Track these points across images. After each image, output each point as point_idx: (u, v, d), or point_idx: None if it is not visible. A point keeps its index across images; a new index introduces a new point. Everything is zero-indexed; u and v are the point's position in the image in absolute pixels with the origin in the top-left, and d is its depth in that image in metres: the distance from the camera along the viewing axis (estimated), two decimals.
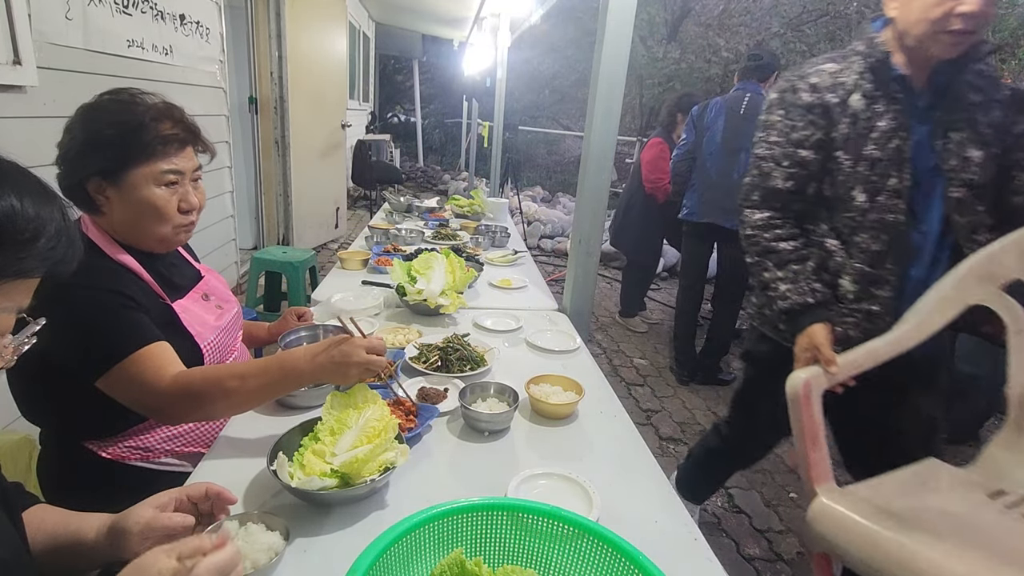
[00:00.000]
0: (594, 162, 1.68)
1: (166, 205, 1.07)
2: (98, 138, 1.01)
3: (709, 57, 9.12)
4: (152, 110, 1.06)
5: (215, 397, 0.98)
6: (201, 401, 0.99)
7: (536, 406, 1.21)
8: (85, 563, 0.78)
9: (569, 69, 12.35)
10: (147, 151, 1.03)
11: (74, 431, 1.09)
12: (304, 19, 4.80)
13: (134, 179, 1.04)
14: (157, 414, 1.05)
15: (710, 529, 2.20)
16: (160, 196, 1.06)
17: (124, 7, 2.25)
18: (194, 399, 0.99)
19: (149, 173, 1.04)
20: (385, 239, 2.51)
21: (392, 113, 13.50)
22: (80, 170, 1.03)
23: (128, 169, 1.03)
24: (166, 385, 0.98)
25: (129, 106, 1.05)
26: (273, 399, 1.05)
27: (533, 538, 0.72)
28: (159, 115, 1.06)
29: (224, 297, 1.30)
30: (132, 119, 1.03)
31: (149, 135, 1.03)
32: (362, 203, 7.99)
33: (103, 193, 1.05)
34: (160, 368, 0.99)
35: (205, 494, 0.78)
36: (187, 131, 1.09)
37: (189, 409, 1.01)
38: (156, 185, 1.05)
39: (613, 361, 3.73)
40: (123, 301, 1.01)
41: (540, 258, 6.17)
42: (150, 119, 1.04)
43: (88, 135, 1.02)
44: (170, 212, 1.08)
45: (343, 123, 5.83)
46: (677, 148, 3.35)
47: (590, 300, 1.85)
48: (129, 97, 1.06)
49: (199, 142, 1.13)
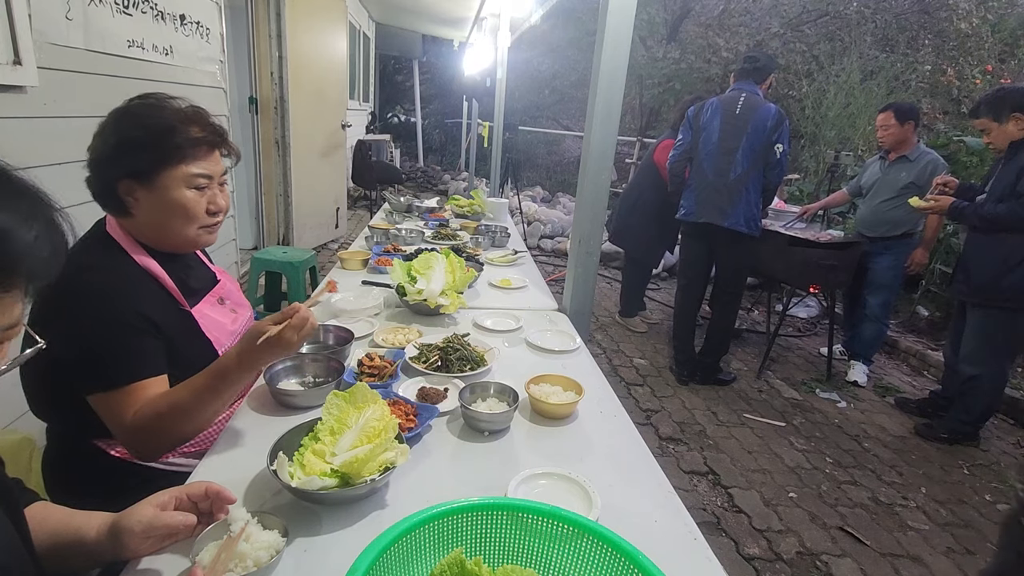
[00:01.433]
0: (594, 162, 1.68)
1: (195, 207, 1.09)
2: (130, 140, 1.03)
3: (709, 57, 9.10)
4: (181, 114, 1.08)
5: (177, 418, 0.99)
6: (166, 426, 0.99)
7: (536, 406, 1.21)
8: (86, 562, 0.78)
9: (569, 69, 12.32)
10: (178, 154, 1.05)
11: (85, 429, 1.10)
12: (304, 19, 4.80)
13: (165, 181, 1.06)
14: (127, 447, 1.06)
15: (710, 529, 2.20)
16: (190, 198, 1.08)
17: (124, 7, 2.25)
18: (154, 428, 0.99)
19: (180, 175, 1.06)
20: (385, 239, 2.51)
21: (392, 113, 13.49)
22: (112, 172, 1.05)
23: (160, 171, 1.05)
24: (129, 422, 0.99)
25: (159, 109, 1.07)
26: (223, 404, 1.02)
27: (533, 538, 0.72)
28: (188, 119, 1.08)
29: (238, 301, 1.32)
30: (162, 122, 1.05)
31: (179, 138, 1.05)
32: (362, 203, 7.99)
33: (133, 195, 1.06)
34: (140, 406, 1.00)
35: (204, 493, 0.78)
36: (215, 134, 1.12)
37: (152, 439, 1.02)
38: (187, 187, 1.08)
39: (613, 361, 3.73)
40: (138, 324, 1.03)
41: (540, 258, 6.17)
42: (179, 122, 1.06)
43: (120, 138, 1.03)
44: (199, 213, 1.10)
45: (343, 123, 5.83)
46: (674, 148, 3.35)
47: (590, 300, 1.85)
48: (157, 101, 1.08)
49: (226, 145, 1.15)
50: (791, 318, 4.66)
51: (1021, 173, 2.53)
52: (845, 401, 3.37)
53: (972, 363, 2.81)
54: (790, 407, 3.26)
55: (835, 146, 5.78)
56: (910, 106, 3.36)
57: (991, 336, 2.74)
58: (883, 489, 2.56)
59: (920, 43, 7.85)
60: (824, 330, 4.39)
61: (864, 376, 3.61)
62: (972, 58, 6.27)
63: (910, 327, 4.42)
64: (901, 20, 8.38)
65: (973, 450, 2.95)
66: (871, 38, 8.07)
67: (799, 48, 8.44)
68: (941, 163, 3.25)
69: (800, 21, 9.18)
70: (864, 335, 3.60)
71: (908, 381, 3.81)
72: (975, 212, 2.66)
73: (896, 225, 3.35)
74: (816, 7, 9.00)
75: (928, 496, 2.54)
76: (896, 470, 2.72)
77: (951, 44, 6.97)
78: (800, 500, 2.43)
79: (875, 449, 2.89)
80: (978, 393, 2.85)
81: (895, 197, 3.30)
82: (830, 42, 8.19)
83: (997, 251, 2.61)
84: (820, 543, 2.18)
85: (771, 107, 3.01)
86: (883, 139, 3.36)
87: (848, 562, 2.10)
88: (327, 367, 1.27)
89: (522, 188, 7.99)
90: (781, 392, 3.44)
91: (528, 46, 10.73)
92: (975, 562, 2.16)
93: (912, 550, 2.19)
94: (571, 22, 10.65)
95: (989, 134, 2.69)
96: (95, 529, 0.76)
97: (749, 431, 2.96)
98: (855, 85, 6.43)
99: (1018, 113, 2.56)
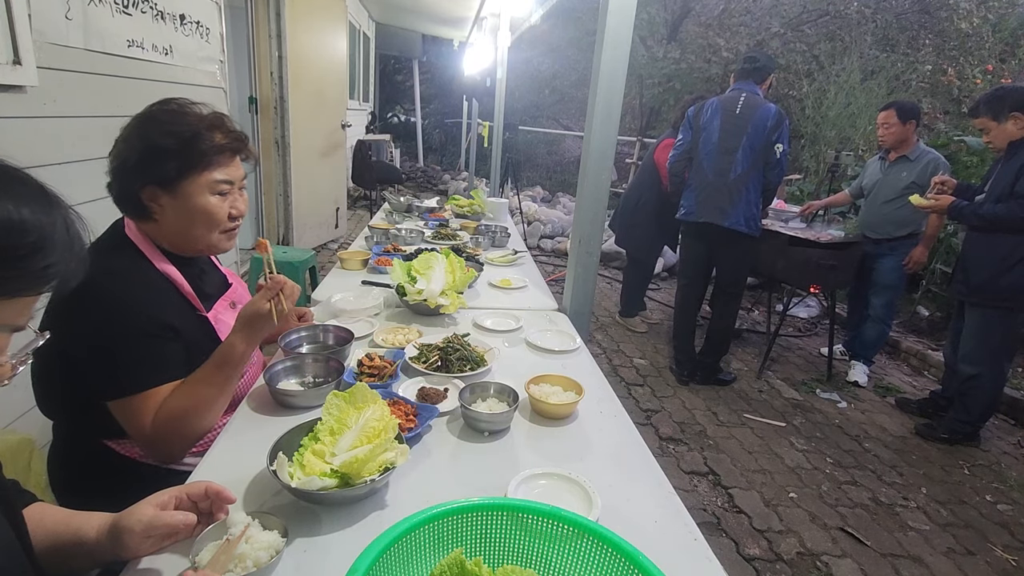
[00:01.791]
0: (594, 162, 1.68)
1: (219, 212, 1.10)
2: (157, 148, 1.03)
3: (709, 57, 9.09)
4: (205, 120, 1.08)
5: (190, 414, 1.03)
6: (183, 426, 1.03)
7: (536, 406, 1.21)
8: (86, 562, 0.78)
9: (569, 69, 12.33)
10: (203, 161, 1.06)
11: (94, 430, 1.10)
12: (304, 19, 4.80)
13: (190, 188, 1.06)
14: (148, 451, 1.08)
15: (710, 529, 2.20)
16: (214, 204, 1.09)
17: (124, 7, 2.25)
18: (175, 428, 1.02)
19: (204, 182, 1.07)
20: (385, 239, 2.51)
21: (392, 113, 13.50)
22: (137, 179, 1.05)
23: (185, 178, 1.05)
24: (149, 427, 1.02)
25: (182, 116, 1.07)
26: (232, 389, 1.10)
27: (533, 538, 0.72)
28: (211, 125, 1.08)
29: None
30: (187, 129, 1.05)
31: (205, 144, 1.06)
32: (362, 203, 7.99)
33: (157, 201, 1.07)
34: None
35: (204, 493, 0.78)
36: (237, 140, 1.13)
37: (174, 439, 1.04)
38: (211, 193, 1.08)
39: (613, 361, 3.73)
40: (158, 331, 1.04)
41: (540, 258, 6.17)
42: (205, 129, 1.06)
43: (147, 144, 1.03)
44: (221, 218, 1.11)
45: (343, 123, 5.83)
46: (674, 148, 3.35)
47: (590, 300, 1.84)
48: (180, 107, 1.09)
49: (246, 150, 1.15)
50: (791, 318, 4.66)
51: (1020, 173, 2.53)
52: (845, 401, 3.37)
53: (971, 363, 2.81)
54: (790, 407, 3.25)
55: (835, 146, 5.79)
56: (912, 105, 3.35)
57: (989, 336, 2.74)
58: (883, 489, 2.56)
59: (921, 43, 7.85)
60: (824, 330, 4.39)
61: (864, 376, 3.61)
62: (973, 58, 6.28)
63: (911, 327, 4.42)
64: (902, 20, 8.38)
65: (973, 450, 2.95)
66: (871, 38, 8.07)
67: (799, 48, 8.44)
68: (942, 162, 3.25)
69: (800, 21, 9.18)
70: (866, 335, 3.59)
71: (908, 381, 3.81)
72: (974, 212, 2.67)
73: (900, 225, 3.34)
74: (816, 7, 9.00)
75: (928, 496, 2.54)
76: (896, 470, 2.72)
77: (952, 44, 6.97)
78: (800, 500, 2.43)
79: (875, 449, 2.89)
80: (977, 393, 2.85)
81: (897, 198, 3.29)
82: (830, 42, 8.19)
83: (996, 251, 2.61)
84: (820, 543, 2.18)
85: (771, 107, 3.01)
86: (884, 138, 3.35)
87: (848, 562, 2.10)
88: (327, 367, 1.27)
89: (522, 188, 7.99)
90: (781, 392, 3.43)
91: (528, 46, 10.73)
92: (975, 562, 2.16)
93: (912, 550, 2.19)
94: (571, 22, 10.66)
95: (988, 133, 2.69)
96: (95, 529, 0.76)
97: (749, 431, 2.96)
98: (855, 85, 6.42)
99: (1017, 112, 2.56)
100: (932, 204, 2.83)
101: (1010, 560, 2.18)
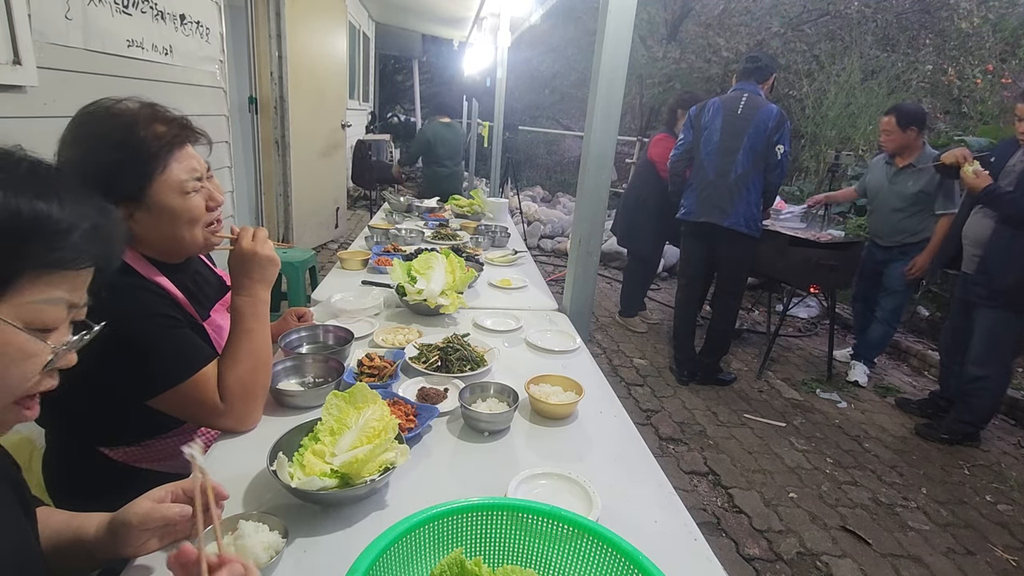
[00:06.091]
0: (594, 162, 1.68)
1: (196, 208, 1.07)
2: (108, 166, 0.96)
3: (709, 57, 9.10)
4: (139, 116, 1.01)
5: (256, 370, 1.07)
6: (255, 386, 1.07)
7: (536, 406, 1.21)
8: (87, 561, 0.79)
9: (569, 69, 12.33)
10: (158, 161, 1.01)
11: (89, 436, 1.09)
12: (304, 19, 4.80)
13: (159, 194, 1.02)
14: (222, 426, 1.08)
15: (710, 529, 2.20)
16: (191, 202, 1.06)
17: (124, 7, 2.25)
18: (248, 391, 1.06)
19: (171, 183, 1.02)
20: (385, 239, 2.51)
21: (392, 113, 13.47)
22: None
23: (150, 185, 1.01)
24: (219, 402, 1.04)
25: (116, 119, 1.00)
26: (267, 324, 1.12)
27: (533, 538, 0.72)
28: (148, 120, 1.02)
29: None
30: (128, 136, 0.98)
31: (152, 144, 1.00)
32: (362, 203, 7.99)
33: (131, 216, 1.02)
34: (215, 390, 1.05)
35: (199, 488, 0.78)
36: (180, 127, 1.06)
37: (247, 403, 1.06)
38: (180, 194, 1.04)
39: (613, 361, 3.73)
40: (174, 324, 1.04)
41: (540, 258, 6.17)
42: (142, 128, 1.00)
43: (96, 166, 0.95)
44: (201, 213, 1.08)
45: (343, 123, 5.83)
46: (675, 147, 3.35)
47: (590, 300, 1.84)
48: (106, 112, 1.00)
49: (193, 133, 1.08)
50: (791, 318, 4.66)
51: None
52: (846, 401, 3.37)
53: (981, 364, 2.77)
54: (790, 407, 3.25)
55: (836, 146, 5.79)
56: (914, 110, 3.20)
57: (1003, 338, 2.71)
58: (884, 490, 2.56)
59: (921, 43, 7.84)
60: (824, 330, 4.39)
61: (864, 376, 3.60)
62: (973, 58, 6.28)
63: (911, 327, 4.42)
64: (902, 19, 8.37)
65: (973, 450, 2.95)
66: (872, 37, 8.06)
67: (800, 48, 8.44)
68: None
69: (801, 20, 9.17)
70: (871, 336, 3.57)
71: (909, 381, 3.81)
72: (1013, 201, 2.50)
73: (914, 233, 3.25)
74: (817, 6, 9.00)
75: (929, 496, 2.54)
76: (897, 470, 2.72)
77: (952, 44, 6.97)
78: (800, 500, 2.43)
79: (876, 449, 2.89)
80: (983, 394, 2.83)
81: (907, 207, 3.22)
82: (831, 42, 8.19)
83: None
84: (820, 543, 2.18)
85: (772, 108, 3.01)
86: (885, 144, 3.27)
87: (848, 562, 2.10)
88: (327, 367, 1.27)
89: (522, 188, 7.98)
90: (781, 392, 3.43)
91: (528, 46, 10.72)
92: (975, 562, 2.16)
93: (913, 550, 2.19)
94: (571, 22, 10.66)
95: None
96: (94, 527, 0.77)
97: (749, 431, 2.96)
98: (856, 85, 6.43)
99: None
100: (974, 181, 2.65)
101: (1010, 560, 2.18)
